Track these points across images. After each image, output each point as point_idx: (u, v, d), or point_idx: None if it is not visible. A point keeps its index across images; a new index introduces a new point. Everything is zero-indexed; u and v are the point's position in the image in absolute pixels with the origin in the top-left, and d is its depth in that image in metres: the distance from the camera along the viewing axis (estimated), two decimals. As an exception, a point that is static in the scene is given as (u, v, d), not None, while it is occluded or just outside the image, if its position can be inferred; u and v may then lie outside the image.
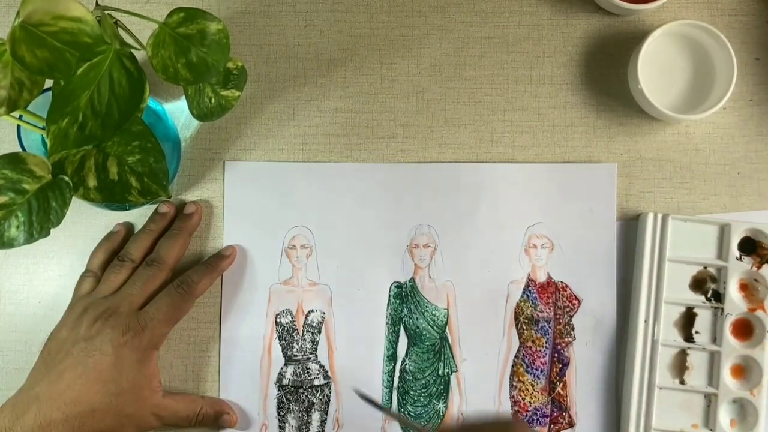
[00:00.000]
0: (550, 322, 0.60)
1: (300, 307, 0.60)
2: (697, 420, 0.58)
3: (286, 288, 0.61)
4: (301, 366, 0.60)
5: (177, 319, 0.56)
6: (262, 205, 0.61)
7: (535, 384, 0.60)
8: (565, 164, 0.61)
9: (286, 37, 0.62)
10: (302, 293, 0.61)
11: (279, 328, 0.60)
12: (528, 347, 0.60)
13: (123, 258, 0.58)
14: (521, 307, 0.60)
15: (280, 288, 0.61)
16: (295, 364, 0.60)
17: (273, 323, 0.60)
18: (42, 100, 0.46)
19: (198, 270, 0.58)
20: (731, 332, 0.58)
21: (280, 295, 0.60)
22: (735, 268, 0.58)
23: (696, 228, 0.59)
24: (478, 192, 0.61)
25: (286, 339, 0.60)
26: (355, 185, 0.61)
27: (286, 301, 0.60)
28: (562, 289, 0.60)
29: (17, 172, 0.44)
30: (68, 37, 0.39)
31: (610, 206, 0.61)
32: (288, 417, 0.60)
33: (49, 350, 0.54)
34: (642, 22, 0.62)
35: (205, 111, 0.53)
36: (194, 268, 0.58)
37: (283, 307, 0.60)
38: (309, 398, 0.60)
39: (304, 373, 0.60)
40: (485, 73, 0.62)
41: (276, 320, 0.60)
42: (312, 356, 0.60)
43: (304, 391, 0.60)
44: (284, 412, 0.60)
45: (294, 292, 0.61)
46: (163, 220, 0.59)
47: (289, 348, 0.60)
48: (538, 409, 0.60)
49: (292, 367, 0.60)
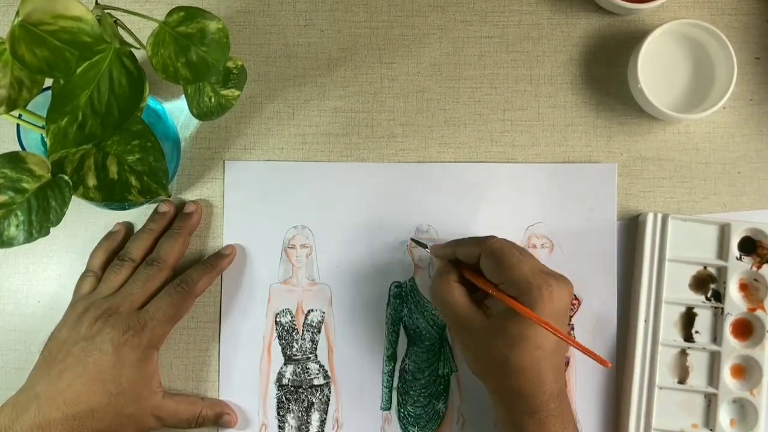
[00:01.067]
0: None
1: (300, 307, 0.60)
2: (697, 420, 0.58)
3: (286, 287, 0.61)
4: (300, 366, 0.60)
5: (177, 318, 0.56)
6: (261, 205, 0.61)
7: None
8: (566, 164, 0.61)
9: (286, 36, 0.62)
10: (302, 293, 0.61)
11: (279, 327, 0.60)
12: None
13: (123, 257, 0.58)
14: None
15: (280, 287, 0.60)
16: (294, 364, 0.60)
17: (273, 323, 0.60)
18: (42, 99, 0.46)
19: (198, 269, 0.58)
20: (731, 332, 0.58)
21: (279, 294, 0.60)
22: (735, 268, 0.58)
23: (696, 228, 0.59)
24: (479, 192, 0.61)
25: (285, 338, 0.60)
26: (355, 185, 0.61)
27: (286, 300, 0.60)
28: None
29: (17, 171, 0.44)
30: (68, 36, 0.39)
31: (611, 206, 0.61)
32: (288, 417, 0.60)
33: (50, 350, 0.54)
34: (642, 21, 0.62)
35: (205, 110, 0.53)
36: (194, 267, 0.58)
37: (282, 306, 0.60)
38: (309, 398, 0.60)
39: (303, 372, 0.60)
40: (485, 73, 0.62)
41: (276, 320, 0.60)
42: (312, 356, 0.60)
43: (303, 390, 0.60)
44: (284, 411, 0.60)
45: (294, 291, 0.61)
46: (163, 219, 0.59)
47: (288, 347, 0.60)
48: None
49: (292, 367, 0.60)
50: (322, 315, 0.60)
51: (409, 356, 0.60)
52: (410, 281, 0.61)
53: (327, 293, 0.61)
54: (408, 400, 0.60)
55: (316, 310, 0.60)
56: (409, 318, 0.60)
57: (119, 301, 0.55)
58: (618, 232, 0.61)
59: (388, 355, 0.60)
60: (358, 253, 0.61)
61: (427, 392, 0.60)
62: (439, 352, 0.60)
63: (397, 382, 0.60)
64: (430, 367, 0.60)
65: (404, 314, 0.60)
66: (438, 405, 0.60)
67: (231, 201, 0.61)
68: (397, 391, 0.60)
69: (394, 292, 0.61)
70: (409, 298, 0.61)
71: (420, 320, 0.60)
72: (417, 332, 0.60)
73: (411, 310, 0.60)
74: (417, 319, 0.60)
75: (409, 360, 0.60)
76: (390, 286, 0.61)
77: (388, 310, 0.60)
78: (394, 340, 0.60)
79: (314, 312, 0.60)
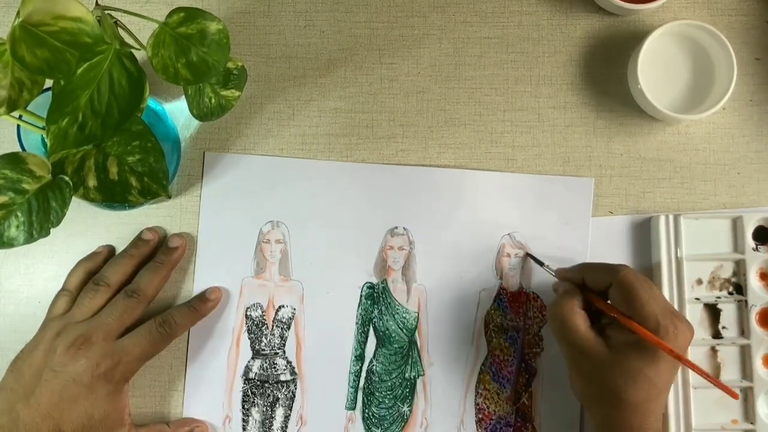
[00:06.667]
0: (519, 332, 0.60)
1: (271, 302, 0.60)
2: (736, 415, 0.58)
3: (258, 282, 0.60)
4: (268, 360, 0.60)
5: (152, 356, 0.56)
6: (239, 197, 0.60)
7: (501, 393, 0.60)
8: (544, 176, 0.61)
9: (286, 37, 0.62)
10: (274, 288, 0.60)
11: (249, 321, 0.60)
12: (496, 355, 0.60)
13: (99, 282, 0.56)
14: (491, 315, 0.60)
15: (252, 281, 0.60)
16: (262, 359, 0.60)
17: (243, 316, 0.60)
18: (42, 99, 0.46)
19: (181, 312, 0.57)
20: (758, 323, 0.58)
21: (251, 288, 0.60)
22: (753, 259, 0.59)
23: (708, 224, 0.59)
24: (456, 198, 0.61)
25: (255, 333, 0.60)
26: (334, 184, 0.61)
27: (258, 295, 0.60)
28: (533, 299, 0.60)
29: (17, 172, 0.44)
30: (68, 36, 0.39)
31: (585, 220, 0.61)
32: (252, 411, 0.60)
33: (21, 371, 0.53)
34: (642, 22, 0.62)
35: (205, 111, 0.53)
36: (177, 308, 0.58)
37: (253, 300, 0.60)
38: (274, 393, 0.60)
39: (271, 367, 0.60)
40: (485, 73, 0.62)
41: (246, 313, 0.60)
42: (280, 351, 0.60)
43: (270, 385, 0.60)
44: (249, 405, 0.60)
45: (266, 286, 0.60)
46: (146, 246, 0.59)
47: (257, 342, 0.60)
48: (502, 417, 0.59)
49: (260, 361, 0.60)
50: (293, 311, 0.60)
51: (377, 357, 0.60)
52: (382, 283, 0.61)
53: (299, 290, 0.60)
54: (373, 401, 0.60)
55: (287, 306, 0.60)
56: (379, 319, 0.60)
57: (94, 328, 0.54)
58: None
59: (356, 355, 0.60)
60: (333, 252, 0.60)
61: (393, 394, 0.60)
62: (408, 355, 0.60)
63: (363, 382, 0.60)
64: (397, 369, 0.60)
65: (374, 315, 0.60)
66: (403, 408, 0.60)
67: (208, 191, 0.60)
68: (363, 392, 0.60)
69: (365, 293, 0.60)
70: (381, 299, 0.60)
71: (390, 322, 0.60)
72: (386, 334, 0.60)
73: (382, 312, 0.60)
74: (387, 321, 0.60)
75: (376, 361, 0.60)
76: (362, 287, 0.60)
77: (359, 311, 0.60)
78: (363, 341, 0.60)
79: (285, 308, 0.60)
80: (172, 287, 0.60)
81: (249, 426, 0.59)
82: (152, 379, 0.60)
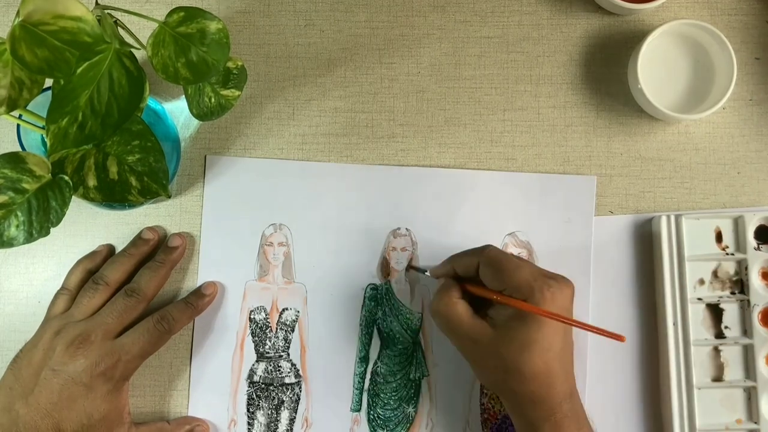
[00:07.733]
0: None
1: (274, 305, 0.60)
2: (740, 415, 0.58)
3: (261, 285, 0.60)
4: (272, 363, 0.60)
5: (151, 353, 0.56)
6: (241, 200, 0.60)
7: None
8: (546, 175, 0.61)
9: (286, 36, 0.62)
10: (277, 291, 0.60)
11: (252, 324, 0.60)
12: None
13: (98, 281, 0.57)
14: None
15: (256, 284, 0.60)
16: (266, 362, 0.60)
17: (247, 319, 0.60)
18: (42, 99, 0.46)
19: (179, 307, 0.57)
20: (760, 322, 0.58)
21: (255, 291, 0.60)
22: (755, 258, 0.59)
23: (709, 224, 0.59)
24: (458, 198, 0.61)
25: (259, 336, 0.60)
26: (336, 186, 0.61)
27: (261, 297, 0.60)
28: None
29: (17, 172, 0.44)
30: (68, 36, 0.39)
31: (588, 218, 0.61)
32: (257, 414, 0.60)
33: (21, 370, 0.53)
34: (642, 21, 0.62)
35: (205, 110, 0.53)
36: (174, 304, 0.58)
37: (257, 303, 0.60)
38: (279, 396, 0.60)
39: (275, 370, 0.60)
40: (485, 73, 0.62)
41: (250, 316, 0.60)
42: (284, 354, 0.60)
43: (274, 388, 0.60)
44: (254, 408, 0.60)
45: (269, 289, 0.60)
46: (145, 246, 0.59)
47: (261, 345, 0.60)
48: (507, 417, 0.59)
49: (264, 364, 0.60)
50: (297, 314, 0.60)
51: (381, 359, 0.60)
52: (386, 284, 0.61)
53: (302, 292, 0.60)
54: (378, 403, 0.60)
55: (290, 309, 0.60)
56: (383, 321, 0.60)
57: (93, 327, 0.54)
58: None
59: (361, 356, 0.60)
60: (335, 254, 0.60)
61: (398, 395, 0.60)
62: (412, 356, 0.60)
63: (368, 384, 0.60)
64: (402, 370, 0.60)
65: (378, 317, 0.60)
66: (408, 409, 0.60)
67: (210, 194, 0.60)
68: (368, 394, 0.60)
69: (369, 295, 0.60)
70: (384, 301, 0.60)
71: (394, 323, 0.60)
72: (390, 335, 0.60)
73: (385, 313, 0.60)
74: (391, 322, 0.60)
75: (381, 363, 0.60)
76: (365, 288, 0.60)
77: (363, 312, 0.60)
78: (367, 342, 0.60)
79: (289, 311, 0.60)
80: (172, 287, 0.60)
81: (254, 429, 0.59)
82: (152, 379, 0.60)
